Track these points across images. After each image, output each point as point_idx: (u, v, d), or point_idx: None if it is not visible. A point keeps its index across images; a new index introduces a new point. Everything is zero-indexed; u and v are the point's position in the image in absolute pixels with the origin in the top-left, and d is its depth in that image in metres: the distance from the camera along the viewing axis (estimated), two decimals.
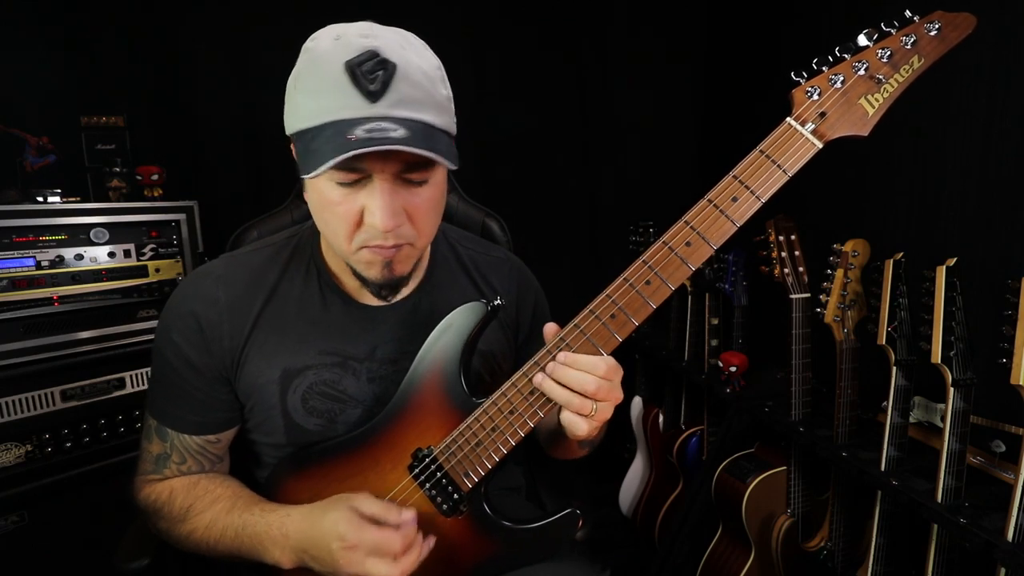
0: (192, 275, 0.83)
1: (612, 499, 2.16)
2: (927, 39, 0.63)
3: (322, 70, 0.65)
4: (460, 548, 0.77)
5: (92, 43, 1.67)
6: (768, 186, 0.63)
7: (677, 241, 0.63)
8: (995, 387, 0.98)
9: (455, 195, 1.16)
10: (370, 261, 0.73)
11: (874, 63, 0.63)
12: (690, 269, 0.63)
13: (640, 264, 0.64)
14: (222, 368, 0.80)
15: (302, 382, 0.80)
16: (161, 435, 0.82)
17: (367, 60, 0.63)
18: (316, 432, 0.81)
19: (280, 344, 0.80)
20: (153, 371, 0.83)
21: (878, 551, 1.22)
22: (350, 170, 0.66)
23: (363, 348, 0.82)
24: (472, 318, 0.75)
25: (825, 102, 0.63)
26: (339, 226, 0.71)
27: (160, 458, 0.82)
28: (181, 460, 0.82)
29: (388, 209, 0.67)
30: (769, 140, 0.64)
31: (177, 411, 0.81)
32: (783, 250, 1.39)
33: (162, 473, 0.83)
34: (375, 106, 0.63)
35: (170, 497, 0.81)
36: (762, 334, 1.70)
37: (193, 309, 0.79)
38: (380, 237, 0.70)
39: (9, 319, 1.32)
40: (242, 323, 0.79)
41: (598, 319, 0.66)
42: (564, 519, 0.75)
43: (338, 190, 0.68)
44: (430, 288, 0.87)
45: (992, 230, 1.28)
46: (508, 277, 0.94)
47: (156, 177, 1.56)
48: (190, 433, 0.81)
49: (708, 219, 0.63)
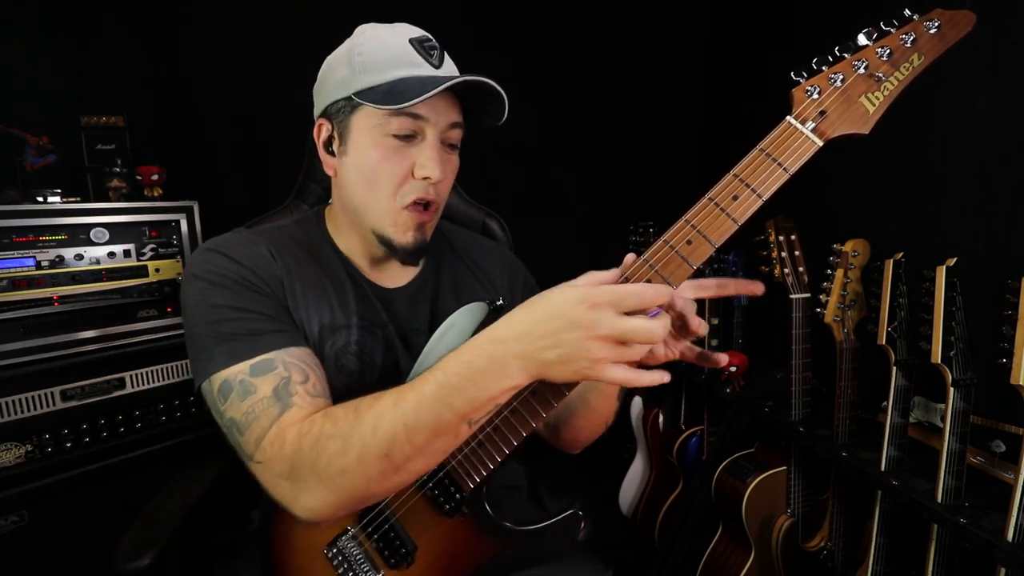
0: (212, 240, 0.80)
1: (612, 499, 2.15)
2: (927, 37, 0.63)
3: (389, 42, 0.77)
4: (462, 549, 0.77)
5: (92, 43, 1.66)
6: (769, 184, 0.63)
7: (678, 239, 0.63)
8: (995, 387, 0.98)
9: (455, 195, 1.16)
10: (407, 224, 0.79)
11: (873, 61, 0.63)
12: (691, 268, 0.63)
13: (641, 263, 0.64)
14: (279, 296, 0.76)
15: (339, 339, 0.82)
16: (262, 370, 0.69)
17: (427, 40, 0.79)
18: (341, 391, 0.75)
19: (319, 300, 0.81)
20: (208, 325, 0.71)
21: (878, 551, 1.22)
22: (413, 117, 0.75)
23: (383, 318, 0.86)
24: (474, 318, 0.75)
25: (825, 101, 0.63)
26: (388, 181, 0.77)
27: (279, 390, 0.68)
28: (304, 377, 0.70)
29: (439, 162, 0.77)
30: (769, 139, 0.64)
31: (265, 332, 0.71)
32: (783, 250, 1.39)
33: (292, 403, 0.67)
34: (439, 71, 0.78)
35: (327, 415, 0.66)
36: (762, 334, 1.70)
37: (234, 252, 0.76)
38: (425, 190, 0.78)
39: (9, 319, 1.31)
40: (283, 270, 0.78)
41: None
42: (566, 520, 0.75)
43: (392, 144, 0.76)
44: (432, 273, 0.93)
45: (992, 230, 1.28)
46: (499, 264, 1.00)
47: (156, 177, 1.56)
48: (293, 345, 0.72)
49: (709, 217, 0.63)
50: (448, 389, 0.60)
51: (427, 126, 0.77)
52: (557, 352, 0.57)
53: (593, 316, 0.55)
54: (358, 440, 0.62)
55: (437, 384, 0.61)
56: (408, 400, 0.62)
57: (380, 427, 0.62)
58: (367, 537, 0.76)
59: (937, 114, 1.37)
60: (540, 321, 0.57)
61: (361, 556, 0.76)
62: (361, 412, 0.63)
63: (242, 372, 0.69)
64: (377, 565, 0.76)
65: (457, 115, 0.80)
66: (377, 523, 0.76)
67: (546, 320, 0.57)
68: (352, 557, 0.76)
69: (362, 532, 0.76)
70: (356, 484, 0.63)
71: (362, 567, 0.76)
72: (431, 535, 0.75)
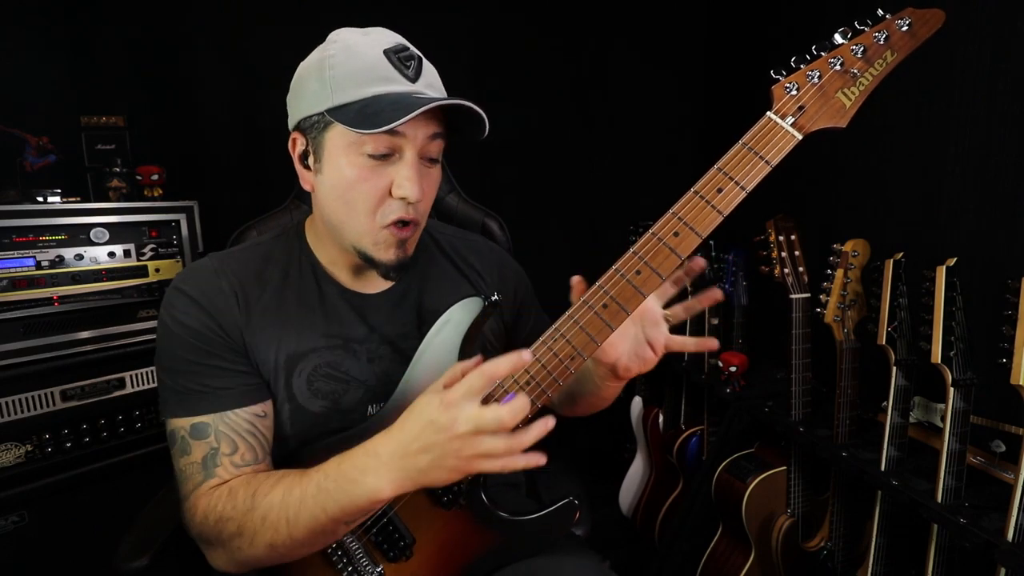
0: (184, 270, 0.83)
1: (612, 499, 2.16)
2: (899, 35, 0.67)
3: (362, 54, 0.73)
4: (459, 541, 0.77)
5: (92, 43, 1.66)
6: (752, 176, 0.65)
7: (666, 231, 0.66)
8: (995, 387, 0.98)
9: (455, 195, 1.16)
10: (388, 242, 0.76)
11: (848, 59, 0.67)
12: (679, 258, 0.66)
13: (630, 255, 0.66)
14: (236, 341, 0.78)
15: (307, 365, 0.81)
16: (199, 434, 0.75)
17: (402, 50, 0.74)
18: (320, 415, 0.81)
19: (281, 331, 0.81)
20: (167, 371, 0.77)
21: (878, 551, 1.23)
22: (392, 135, 0.71)
23: (361, 331, 0.85)
24: (470, 313, 0.76)
25: (803, 96, 0.67)
26: (365, 202, 0.74)
27: (207, 459, 0.74)
28: (232, 449, 0.75)
29: (417, 178, 0.74)
30: (751, 133, 0.66)
31: (210, 390, 0.75)
32: (783, 250, 1.40)
33: (215, 474, 0.74)
34: (415, 85, 0.73)
35: (231, 493, 0.72)
36: (762, 334, 1.70)
37: (196, 293, 0.78)
38: (404, 210, 0.75)
39: (9, 319, 1.31)
40: (242, 308, 0.79)
41: (591, 308, 0.68)
42: (562, 509, 0.76)
43: (368, 164, 0.73)
44: (417, 275, 0.90)
45: (992, 230, 1.28)
46: (488, 259, 0.98)
47: (156, 177, 1.56)
48: (233, 407, 0.76)
49: (695, 210, 0.66)
50: (325, 494, 0.65)
51: (405, 143, 0.73)
52: (428, 457, 0.61)
53: (451, 415, 0.60)
54: (250, 527, 0.68)
55: (317, 487, 0.66)
56: (295, 494, 0.67)
57: (268, 518, 0.68)
58: (365, 531, 0.76)
59: (937, 114, 1.37)
60: (410, 431, 0.62)
61: (360, 550, 0.76)
62: (257, 499, 0.69)
63: (183, 428, 0.75)
64: (376, 559, 0.76)
65: (436, 126, 0.75)
66: (375, 517, 0.76)
67: (415, 429, 0.62)
68: (351, 551, 0.77)
69: (360, 527, 0.77)
70: (256, 560, 0.71)
71: (361, 562, 0.76)
72: (429, 527, 0.76)
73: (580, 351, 0.67)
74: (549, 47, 2.16)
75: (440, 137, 0.76)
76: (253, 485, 0.71)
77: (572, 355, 0.67)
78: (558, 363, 0.68)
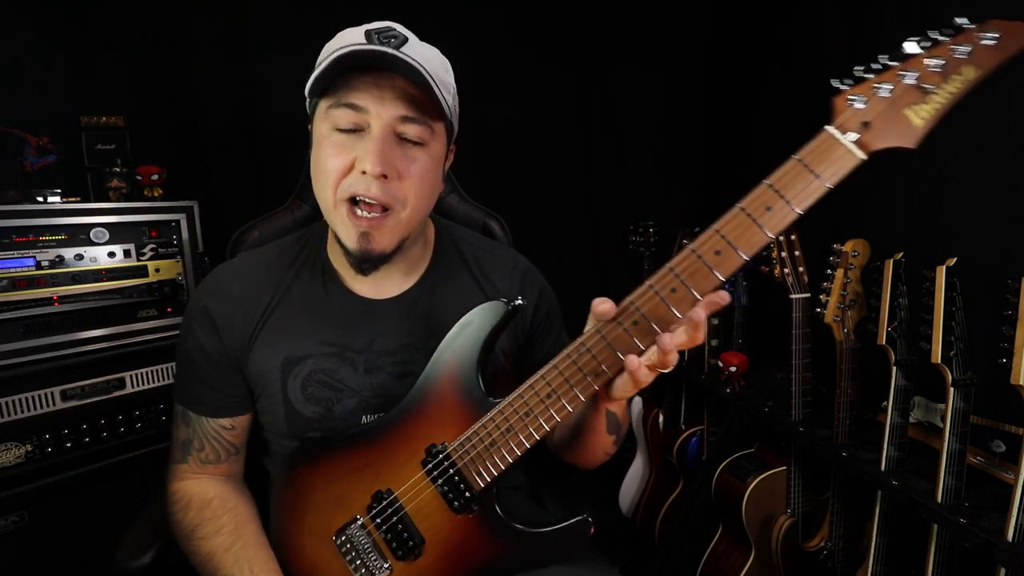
0: (212, 271, 0.89)
1: (612, 499, 2.16)
2: (981, 49, 0.60)
3: (346, 36, 0.74)
4: (468, 547, 0.77)
5: (92, 43, 1.66)
6: (804, 196, 0.59)
7: (706, 249, 0.61)
8: (995, 387, 0.98)
9: (455, 195, 1.16)
10: (347, 224, 0.75)
11: (924, 72, 0.60)
12: (718, 279, 0.61)
13: (666, 271, 0.62)
14: (234, 356, 0.84)
15: (302, 370, 0.83)
16: (185, 420, 0.86)
17: (386, 30, 0.73)
18: (314, 419, 0.83)
19: (284, 334, 0.83)
20: (177, 360, 0.87)
21: (878, 551, 1.23)
22: (351, 108, 0.71)
23: (361, 339, 0.84)
24: (491, 317, 0.75)
25: (870, 112, 0.59)
26: (328, 174, 0.74)
27: (185, 444, 0.86)
28: (200, 446, 0.86)
29: (379, 154, 0.71)
30: (807, 149, 0.60)
31: (195, 394, 0.85)
32: (783, 250, 1.40)
33: (187, 461, 0.86)
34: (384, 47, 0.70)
35: (185, 507, 0.83)
36: (762, 334, 1.70)
37: (208, 304, 0.84)
38: (365, 186, 0.73)
39: (9, 319, 1.31)
40: (252, 314, 0.84)
41: (619, 324, 0.64)
42: (575, 526, 0.75)
43: (336, 137, 0.73)
44: (431, 283, 0.89)
45: (992, 230, 1.28)
46: (511, 277, 0.94)
47: (156, 177, 1.56)
48: (207, 415, 0.85)
49: (740, 228, 0.60)
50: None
51: (370, 118, 0.72)
52: None
53: None
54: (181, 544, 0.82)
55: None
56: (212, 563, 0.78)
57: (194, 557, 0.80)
58: (376, 527, 0.76)
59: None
60: None
61: (369, 545, 0.77)
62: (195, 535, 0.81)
63: (179, 408, 0.87)
64: (385, 555, 0.76)
65: (407, 109, 0.72)
66: (387, 514, 0.76)
67: None
68: (360, 546, 0.77)
69: (371, 522, 0.77)
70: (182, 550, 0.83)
71: (370, 556, 0.76)
72: (440, 530, 0.75)
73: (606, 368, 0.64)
74: (550, 48, 2.16)
75: (415, 122, 0.73)
76: (199, 519, 0.82)
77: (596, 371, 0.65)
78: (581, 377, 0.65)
